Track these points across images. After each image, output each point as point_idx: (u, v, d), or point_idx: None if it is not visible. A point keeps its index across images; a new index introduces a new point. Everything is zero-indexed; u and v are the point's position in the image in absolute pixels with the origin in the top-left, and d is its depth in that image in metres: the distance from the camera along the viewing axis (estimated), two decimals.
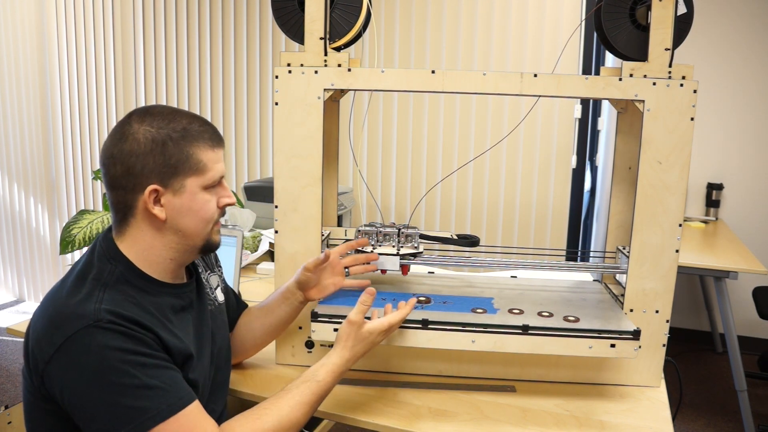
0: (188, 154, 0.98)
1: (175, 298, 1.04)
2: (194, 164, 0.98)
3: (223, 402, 1.17)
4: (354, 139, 2.83)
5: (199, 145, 0.99)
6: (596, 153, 3.05)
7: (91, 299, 0.92)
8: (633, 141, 1.40)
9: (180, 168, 0.97)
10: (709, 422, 2.70)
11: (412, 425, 1.14)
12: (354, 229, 1.43)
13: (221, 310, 1.22)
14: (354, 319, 1.09)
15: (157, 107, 1.01)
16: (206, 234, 1.04)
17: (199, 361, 1.05)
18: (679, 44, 1.22)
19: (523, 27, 2.82)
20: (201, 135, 1.00)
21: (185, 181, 0.98)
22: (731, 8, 3.24)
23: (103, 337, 0.88)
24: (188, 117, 1.01)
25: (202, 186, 1.00)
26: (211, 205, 1.02)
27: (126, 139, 0.96)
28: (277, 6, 1.29)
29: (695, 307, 3.58)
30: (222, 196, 1.05)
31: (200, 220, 1.01)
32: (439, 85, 1.23)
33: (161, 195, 0.97)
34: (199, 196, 1.00)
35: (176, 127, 0.98)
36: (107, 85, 3.59)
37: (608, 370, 1.31)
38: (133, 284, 0.98)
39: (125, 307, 0.93)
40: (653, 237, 1.24)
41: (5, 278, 4.06)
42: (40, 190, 3.83)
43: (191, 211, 1.00)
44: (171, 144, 0.97)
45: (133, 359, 0.89)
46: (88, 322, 0.88)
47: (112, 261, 0.99)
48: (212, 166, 1.01)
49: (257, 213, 2.26)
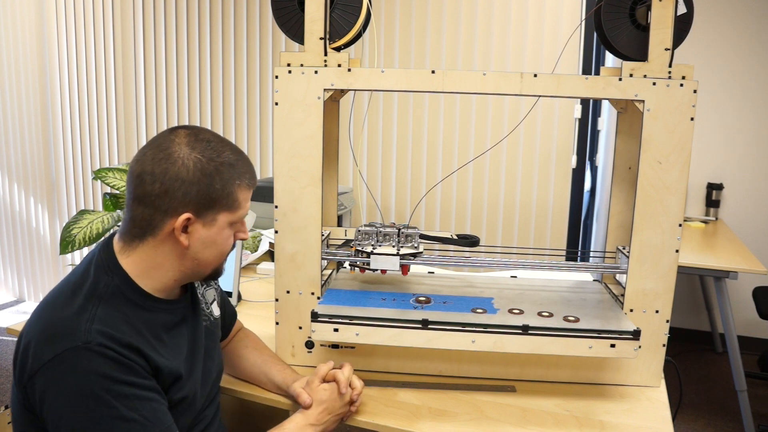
0: (230, 191, 0.99)
1: (168, 314, 1.04)
2: (232, 201, 1.00)
3: (213, 409, 1.16)
4: (354, 139, 2.83)
5: (240, 183, 1.01)
6: (596, 153, 3.05)
7: (84, 315, 0.91)
8: (633, 141, 1.40)
9: (218, 202, 0.98)
10: (709, 422, 2.70)
11: (412, 425, 1.14)
12: (354, 229, 1.43)
13: (216, 324, 1.22)
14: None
15: (207, 133, 1.01)
16: (218, 265, 1.06)
17: (190, 378, 1.04)
18: (679, 44, 1.22)
19: (523, 27, 2.82)
20: (244, 174, 1.02)
21: (218, 215, 0.99)
22: (731, 8, 3.24)
23: (90, 361, 0.87)
24: (235, 151, 1.02)
25: (230, 222, 1.02)
26: (231, 241, 1.05)
27: (174, 162, 0.95)
28: (277, 6, 1.29)
29: (695, 307, 3.58)
30: (239, 231, 1.06)
31: (219, 252, 1.03)
32: (439, 85, 1.23)
33: (191, 223, 0.98)
34: (225, 231, 1.02)
35: (225, 161, 0.99)
36: (107, 85, 3.59)
37: (608, 370, 1.31)
38: (128, 298, 0.97)
39: (117, 327, 0.92)
40: (653, 237, 1.24)
41: (5, 278, 4.06)
42: (40, 190, 3.82)
43: (214, 244, 1.01)
44: (218, 179, 0.97)
45: (115, 389, 0.88)
46: (78, 342, 0.88)
47: (109, 273, 0.98)
48: (244, 204, 1.03)
49: (257, 213, 2.26)
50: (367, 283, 1.43)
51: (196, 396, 1.06)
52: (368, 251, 1.32)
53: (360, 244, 1.35)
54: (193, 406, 1.05)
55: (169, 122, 3.54)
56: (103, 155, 3.69)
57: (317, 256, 1.31)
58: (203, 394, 1.10)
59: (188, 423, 1.05)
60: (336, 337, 1.20)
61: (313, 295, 1.32)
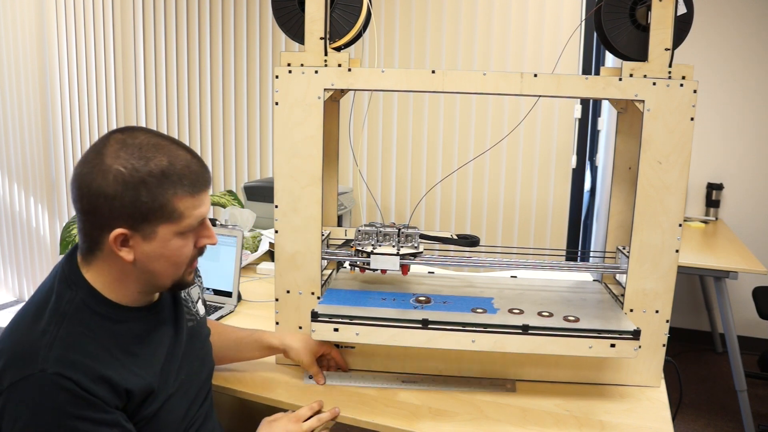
0: (163, 203, 0.89)
1: (141, 322, 0.99)
2: (169, 213, 0.90)
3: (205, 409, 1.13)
4: (354, 139, 2.83)
5: (176, 192, 0.90)
6: (596, 153, 3.05)
7: (45, 339, 0.86)
8: (633, 141, 1.40)
9: (151, 215, 0.89)
10: (709, 422, 2.70)
11: (412, 425, 1.14)
12: (354, 229, 1.43)
13: (203, 323, 1.18)
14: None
15: (139, 135, 0.91)
16: (178, 276, 0.98)
17: (166, 386, 1.00)
18: (679, 44, 1.22)
19: (523, 27, 2.82)
20: (181, 180, 0.90)
21: (157, 228, 0.91)
22: (731, 9, 3.24)
23: (43, 392, 0.83)
24: (170, 154, 0.91)
25: (176, 233, 0.92)
26: (186, 250, 0.95)
27: (96, 176, 0.88)
28: (277, 6, 1.29)
29: (695, 307, 3.58)
30: (202, 236, 0.97)
31: (171, 264, 0.95)
32: (439, 85, 1.23)
33: (131, 237, 0.90)
34: (172, 242, 0.93)
35: (154, 170, 0.89)
36: (107, 85, 3.59)
37: (608, 370, 1.31)
38: (94, 311, 0.93)
39: (82, 350, 0.88)
40: (653, 237, 1.24)
41: (5, 278, 4.06)
42: (40, 190, 3.82)
43: (163, 257, 0.93)
44: (144, 191, 0.88)
45: (67, 425, 0.84)
46: (34, 371, 0.83)
47: (73, 287, 0.93)
48: (190, 213, 0.92)
49: (257, 213, 2.26)
50: (367, 283, 1.43)
51: (173, 403, 1.02)
52: (368, 251, 1.32)
53: (360, 244, 1.35)
54: (172, 414, 1.01)
55: (169, 122, 3.55)
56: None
57: (317, 256, 1.31)
58: (188, 397, 1.06)
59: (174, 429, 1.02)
60: (336, 337, 1.20)
61: (313, 295, 1.32)
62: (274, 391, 1.26)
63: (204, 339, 1.17)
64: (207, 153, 3.51)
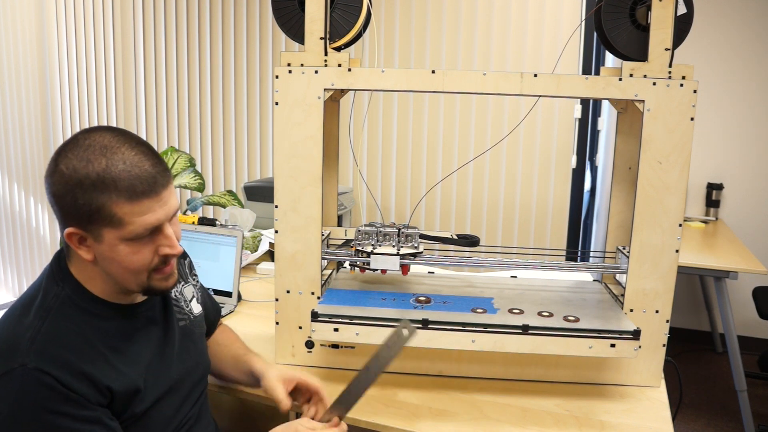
0: (98, 206, 0.86)
1: (128, 319, 0.98)
2: (107, 217, 0.86)
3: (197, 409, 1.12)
4: (354, 139, 2.83)
5: (111, 197, 0.85)
6: (596, 153, 3.05)
7: (28, 333, 0.87)
8: (633, 141, 1.40)
9: (93, 217, 0.87)
10: (709, 422, 2.70)
11: (412, 425, 1.14)
12: (354, 229, 1.43)
13: (197, 323, 1.16)
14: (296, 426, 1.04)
15: (96, 136, 0.89)
16: (140, 282, 0.94)
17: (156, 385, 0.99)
18: (679, 44, 1.22)
19: (523, 27, 2.82)
20: (116, 184, 0.85)
21: (102, 232, 0.88)
22: (731, 8, 3.24)
23: (22, 387, 0.83)
24: (113, 157, 0.86)
25: (121, 238, 0.88)
26: (139, 257, 0.91)
27: (49, 173, 0.88)
28: (277, 6, 1.29)
29: (695, 307, 3.58)
30: (161, 245, 0.92)
31: (126, 271, 0.91)
32: (439, 85, 1.23)
33: (85, 237, 0.89)
34: (119, 248, 0.89)
35: (90, 173, 0.85)
36: (107, 85, 3.59)
37: (608, 370, 1.31)
38: (80, 307, 0.92)
39: (64, 344, 0.87)
40: (653, 237, 1.24)
41: (5, 278, 4.06)
42: (40, 190, 3.82)
43: (114, 261, 0.90)
44: (80, 192, 0.85)
45: (47, 420, 0.84)
46: (15, 364, 0.84)
47: (60, 283, 0.93)
48: (131, 219, 0.87)
49: (257, 213, 2.26)
50: (367, 283, 1.43)
51: (163, 402, 1.01)
52: (368, 251, 1.32)
53: (360, 244, 1.35)
54: (162, 413, 1.01)
55: (169, 122, 3.55)
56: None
57: (317, 256, 1.31)
58: (181, 395, 1.06)
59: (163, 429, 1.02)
60: (336, 337, 1.20)
61: (313, 295, 1.32)
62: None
63: (198, 338, 1.15)
64: (207, 153, 3.51)
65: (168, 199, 0.91)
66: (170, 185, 0.93)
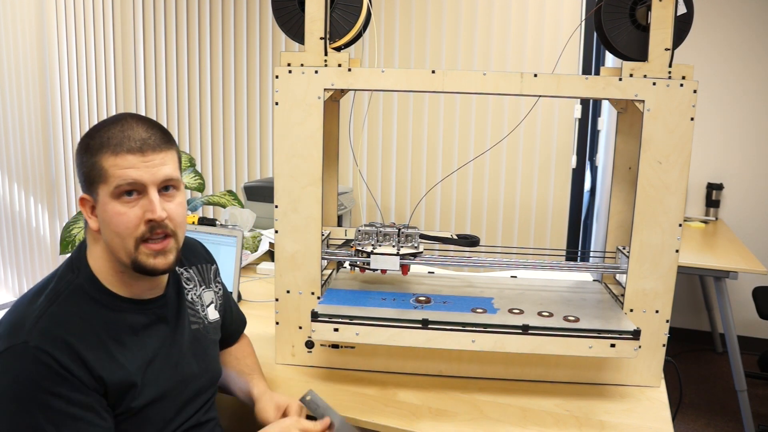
0: (93, 163, 0.93)
1: (138, 315, 1.00)
2: (98, 172, 0.93)
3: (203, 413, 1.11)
4: (354, 139, 2.83)
5: (103, 152, 0.93)
6: (596, 153, 3.05)
7: (35, 312, 0.90)
8: (633, 141, 1.40)
9: (91, 177, 0.94)
10: (709, 422, 2.70)
11: (412, 425, 1.14)
12: (354, 229, 1.43)
13: (211, 328, 1.16)
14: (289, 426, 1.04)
15: (112, 116, 0.98)
16: (128, 251, 0.95)
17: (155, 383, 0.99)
18: (679, 44, 1.22)
19: (523, 27, 2.82)
20: (108, 142, 0.93)
21: (98, 191, 0.94)
22: (731, 9, 3.24)
23: (21, 364, 0.86)
24: (116, 125, 0.95)
25: (109, 194, 0.93)
26: (125, 219, 0.93)
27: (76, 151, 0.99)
28: (277, 6, 1.29)
29: (695, 307, 3.58)
30: (146, 209, 0.94)
31: (113, 233, 0.94)
32: (439, 85, 1.23)
33: (94, 205, 0.96)
34: (109, 206, 0.93)
35: (98, 137, 0.94)
36: (107, 85, 3.59)
37: (608, 370, 1.31)
38: (91, 297, 0.95)
39: (66, 326, 0.90)
40: (653, 237, 1.24)
41: (5, 278, 4.06)
42: (40, 190, 3.82)
43: (105, 222, 0.95)
44: (85, 155, 0.94)
45: (41, 398, 0.86)
46: (18, 341, 0.87)
47: (75, 271, 0.97)
48: (114, 171, 0.92)
49: (257, 213, 2.26)
50: (367, 283, 1.43)
51: (164, 402, 1.01)
52: (368, 251, 1.32)
53: (360, 244, 1.35)
54: (161, 413, 1.00)
55: (169, 122, 3.54)
56: None
57: (317, 256, 1.31)
58: (180, 398, 1.05)
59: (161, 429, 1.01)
60: (336, 337, 1.20)
61: (313, 295, 1.32)
62: (275, 391, 1.26)
63: (209, 344, 1.15)
64: (207, 153, 3.51)
65: (158, 164, 0.95)
66: (166, 155, 0.97)
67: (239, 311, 1.33)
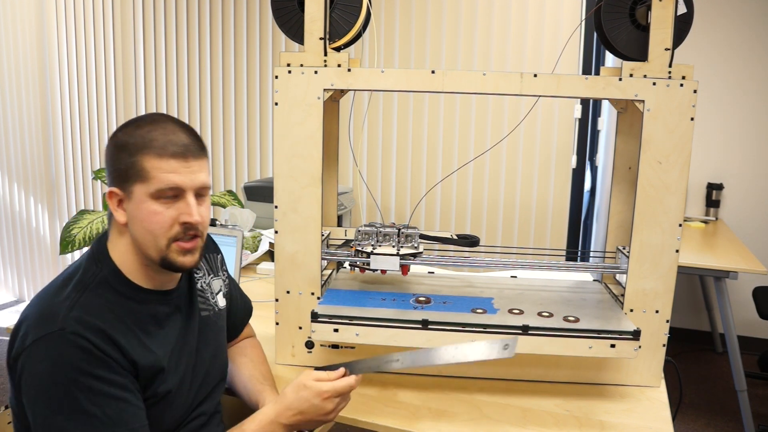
0: (133, 161, 0.96)
1: (160, 305, 1.03)
2: (138, 171, 0.96)
3: (211, 407, 1.14)
4: (354, 139, 2.83)
5: (147, 152, 0.96)
6: (596, 153, 3.05)
7: (66, 302, 0.93)
8: (633, 141, 1.40)
9: (128, 174, 0.97)
10: (709, 422, 2.70)
11: (412, 425, 1.14)
12: (354, 229, 1.43)
13: (221, 315, 1.19)
14: (303, 381, 1.06)
15: (149, 115, 1.01)
16: (159, 249, 0.98)
17: (175, 370, 1.03)
18: (679, 44, 1.22)
19: (523, 27, 2.82)
20: (151, 143, 0.96)
21: (133, 188, 0.97)
22: (731, 9, 3.24)
23: (61, 349, 0.88)
24: (158, 127, 0.98)
25: (148, 194, 0.96)
26: (160, 218, 0.97)
27: (106, 146, 1.01)
28: (277, 6, 1.29)
29: (695, 307, 3.58)
30: (183, 211, 0.98)
31: (146, 231, 0.97)
32: (439, 85, 1.23)
33: (123, 199, 0.98)
34: (144, 205, 0.96)
35: (137, 134, 0.97)
36: (107, 85, 3.59)
37: (608, 370, 1.31)
38: (116, 289, 0.98)
39: (99, 315, 0.93)
40: (653, 237, 1.24)
41: (5, 278, 4.06)
42: (40, 190, 3.82)
43: (138, 219, 0.97)
44: (125, 150, 0.97)
45: (82, 381, 0.88)
46: (54, 328, 0.89)
47: (99, 264, 0.99)
48: (156, 174, 0.96)
49: (257, 213, 2.26)
50: (367, 283, 1.43)
51: (182, 389, 1.04)
52: (368, 251, 1.32)
53: (360, 244, 1.35)
54: (179, 399, 1.03)
55: None
56: (103, 155, 3.69)
57: (317, 256, 1.31)
58: (194, 386, 1.08)
59: (177, 418, 1.04)
60: (336, 337, 1.20)
61: (313, 295, 1.32)
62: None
63: (219, 331, 1.18)
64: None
65: (196, 171, 0.99)
66: (203, 162, 1.01)
67: (245, 298, 1.35)
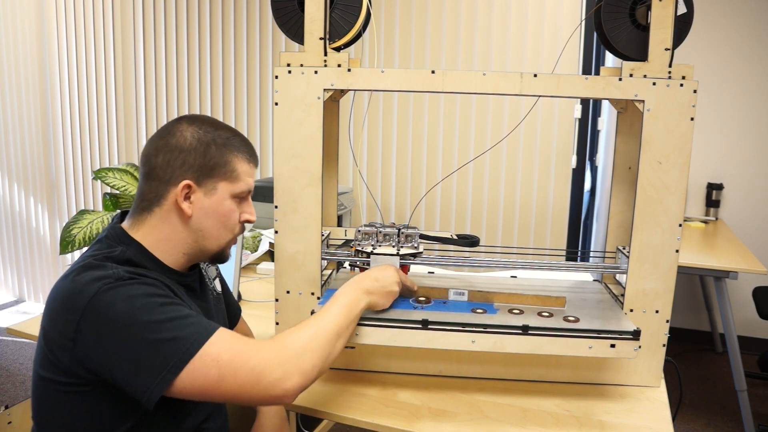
0: (226, 160, 1.04)
1: (183, 286, 1.08)
2: (229, 171, 1.05)
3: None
4: (354, 139, 2.83)
5: (237, 155, 1.06)
6: (596, 153, 3.05)
7: (106, 269, 0.94)
8: (633, 141, 1.40)
9: (216, 171, 1.04)
10: (709, 422, 2.70)
11: (412, 425, 1.14)
12: (354, 229, 1.43)
13: (220, 299, 1.26)
14: None
15: (206, 116, 1.09)
16: (222, 242, 1.08)
17: None
18: (679, 44, 1.22)
19: (523, 27, 2.82)
20: (240, 148, 1.07)
21: (218, 184, 1.04)
22: (731, 8, 3.24)
23: (126, 289, 0.91)
24: (233, 131, 1.08)
25: (231, 193, 1.06)
26: (234, 216, 1.08)
27: (173, 135, 1.03)
28: (277, 6, 1.29)
29: (695, 307, 3.58)
30: (245, 211, 1.10)
31: (221, 225, 1.06)
32: (439, 85, 1.23)
33: (192, 192, 1.03)
34: (226, 202, 1.06)
35: (221, 135, 1.05)
36: (107, 86, 3.59)
37: (608, 370, 1.31)
38: (143, 266, 1.01)
39: (140, 274, 0.97)
40: (653, 237, 1.24)
41: (5, 278, 4.06)
42: (40, 190, 3.83)
43: (215, 214, 1.05)
44: (214, 147, 1.04)
45: (157, 300, 0.92)
46: (109, 281, 0.91)
47: (123, 244, 1.02)
48: (244, 177, 1.07)
49: (257, 213, 2.26)
50: None
51: None
52: (368, 251, 1.32)
53: (360, 244, 1.35)
54: None
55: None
56: (103, 155, 3.69)
57: (317, 256, 1.31)
58: None
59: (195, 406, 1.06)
60: None
61: (313, 295, 1.32)
62: None
63: (221, 314, 1.23)
64: None
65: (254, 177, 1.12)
66: None
67: (233, 297, 1.42)
